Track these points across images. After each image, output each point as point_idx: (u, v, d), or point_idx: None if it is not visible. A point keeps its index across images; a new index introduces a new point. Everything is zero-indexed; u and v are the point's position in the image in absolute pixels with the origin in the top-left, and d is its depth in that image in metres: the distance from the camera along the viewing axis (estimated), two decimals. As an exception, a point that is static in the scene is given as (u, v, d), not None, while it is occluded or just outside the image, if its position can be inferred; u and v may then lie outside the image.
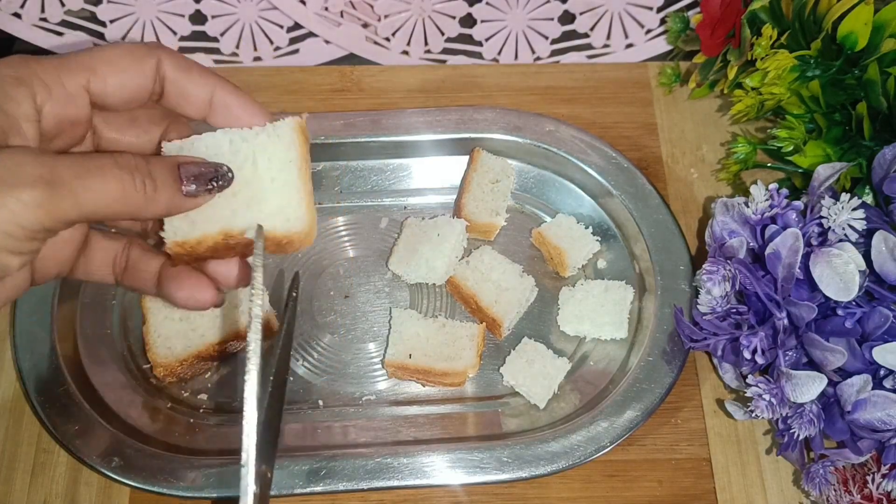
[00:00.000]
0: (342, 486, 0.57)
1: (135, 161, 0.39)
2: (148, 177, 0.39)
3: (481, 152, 0.70)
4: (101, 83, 0.40)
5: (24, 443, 0.61)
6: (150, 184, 0.39)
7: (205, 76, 0.43)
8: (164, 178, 0.40)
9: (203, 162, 0.42)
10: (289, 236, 0.42)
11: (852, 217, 0.55)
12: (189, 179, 0.40)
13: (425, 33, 0.77)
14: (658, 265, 0.65)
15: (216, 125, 0.44)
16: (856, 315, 0.54)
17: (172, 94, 0.43)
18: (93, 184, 0.37)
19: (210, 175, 0.41)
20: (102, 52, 0.41)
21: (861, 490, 0.54)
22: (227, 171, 0.41)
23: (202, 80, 0.43)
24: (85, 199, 0.36)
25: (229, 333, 0.63)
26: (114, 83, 0.41)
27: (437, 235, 0.66)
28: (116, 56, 0.41)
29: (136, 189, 0.38)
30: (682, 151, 0.74)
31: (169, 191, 0.40)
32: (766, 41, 0.63)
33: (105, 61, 0.40)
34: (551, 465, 0.58)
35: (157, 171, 0.39)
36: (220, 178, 0.41)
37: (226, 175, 0.41)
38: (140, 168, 0.39)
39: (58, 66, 0.39)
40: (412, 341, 0.63)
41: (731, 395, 0.63)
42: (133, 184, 0.38)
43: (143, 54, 0.41)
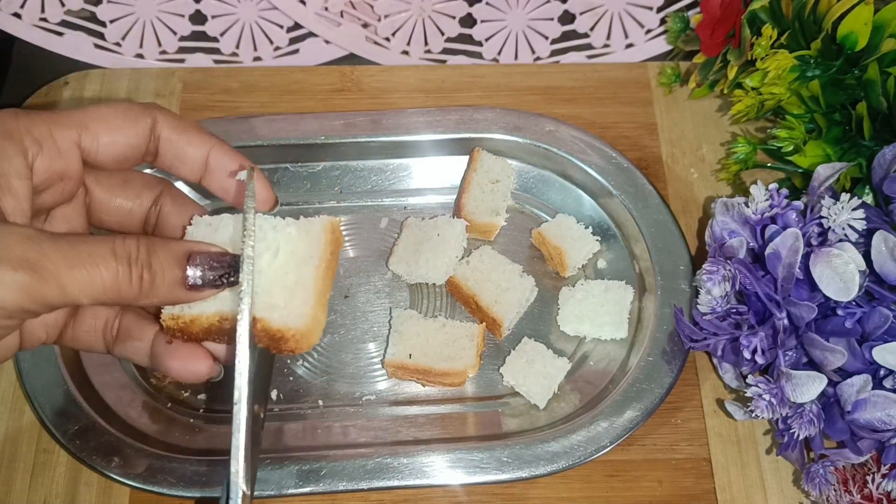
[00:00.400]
0: (342, 486, 0.57)
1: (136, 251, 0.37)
2: (147, 269, 0.37)
3: (481, 152, 0.70)
4: (92, 140, 0.39)
5: (24, 443, 0.61)
6: (147, 276, 0.37)
7: (201, 137, 0.42)
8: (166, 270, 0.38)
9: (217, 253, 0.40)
10: (283, 331, 0.39)
11: (852, 217, 0.55)
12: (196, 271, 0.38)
13: (425, 33, 0.77)
14: (658, 265, 0.65)
15: (210, 188, 0.42)
16: (856, 315, 0.54)
17: (168, 155, 0.42)
18: (82, 270, 0.35)
19: (224, 268, 0.39)
20: (96, 109, 0.40)
21: (861, 490, 0.54)
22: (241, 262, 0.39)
23: (198, 140, 0.42)
24: (72, 288, 0.35)
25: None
26: (106, 141, 0.40)
27: (437, 235, 0.66)
28: (110, 114, 0.40)
29: (132, 282, 0.36)
30: (681, 151, 0.74)
31: (169, 284, 0.38)
32: (765, 41, 0.63)
33: (98, 118, 0.40)
34: (551, 465, 0.58)
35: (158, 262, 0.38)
36: (232, 275, 0.39)
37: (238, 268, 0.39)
38: (140, 259, 0.37)
39: (49, 121, 0.38)
40: (412, 341, 0.63)
41: (731, 395, 0.63)
42: (128, 276, 0.36)
43: (138, 113, 0.40)
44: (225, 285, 0.39)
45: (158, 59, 0.78)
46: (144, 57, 0.77)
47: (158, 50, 0.77)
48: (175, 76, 0.76)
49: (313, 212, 0.70)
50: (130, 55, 0.77)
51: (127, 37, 0.77)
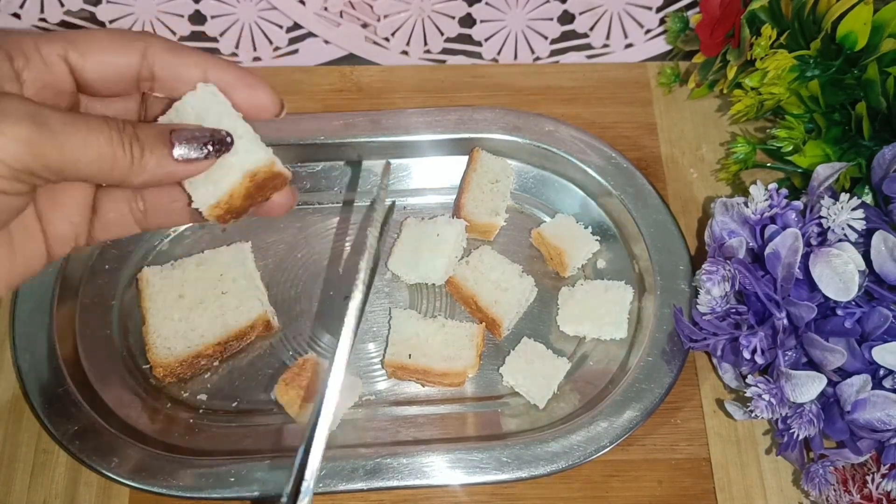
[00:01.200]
0: (342, 486, 0.57)
1: (122, 123, 0.38)
2: (135, 139, 0.38)
3: (481, 152, 0.70)
4: (80, 57, 0.39)
5: (24, 443, 0.61)
6: (136, 146, 0.38)
7: (196, 55, 0.42)
8: (153, 142, 0.39)
9: (198, 127, 0.41)
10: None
11: (852, 217, 0.55)
12: (181, 143, 0.40)
13: (425, 33, 0.77)
14: (658, 265, 0.65)
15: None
16: (855, 315, 0.54)
17: (166, 78, 0.42)
18: (78, 132, 0.36)
19: (205, 139, 0.40)
20: (86, 30, 0.40)
21: (861, 490, 0.54)
22: (226, 136, 0.41)
23: (194, 59, 0.42)
24: (69, 147, 0.36)
25: (229, 334, 0.63)
26: (95, 59, 0.40)
27: (437, 235, 0.66)
28: (99, 35, 0.40)
29: (124, 150, 0.37)
30: (681, 151, 0.74)
31: (157, 155, 0.39)
32: (765, 41, 0.63)
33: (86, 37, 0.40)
34: (551, 465, 0.58)
35: (144, 134, 0.39)
36: (217, 143, 0.40)
37: (225, 140, 0.41)
38: (126, 129, 0.38)
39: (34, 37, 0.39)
40: (411, 341, 0.63)
41: (730, 395, 0.63)
42: (121, 143, 0.37)
43: (129, 37, 0.41)
44: (213, 153, 0.40)
45: (158, 59, 0.78)
46: (144, 57, 0.77)
47: (158, 50, 0.77)
48: (174, 76, 0.76)
49: (312, 211, 0.71)
50: (130, 55, 0.77)
51: (126, 37, 0.76)
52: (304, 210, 0.71)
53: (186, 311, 0.64)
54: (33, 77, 0.38)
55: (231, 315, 0.64)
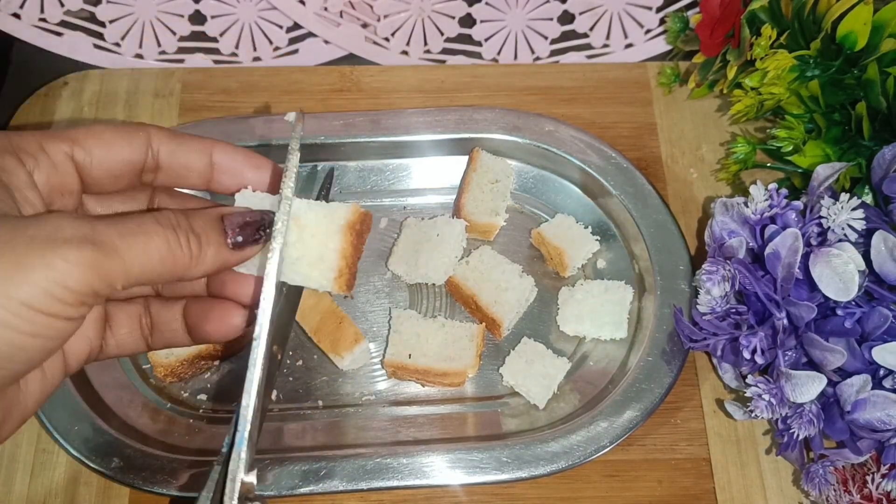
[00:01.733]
0: (342, 486, 0.57)
1: (175, 218, 0.37)
2: (191, 232, 0.37)
3: (481, 152, 0.70)
4: (86, 154, 0.39)
5: (24, 443, 0.61)
6: (194, 240, 0.37)
7: (199, 142, 0.42)
8: (208, 233, 0.38)
9: (248, 211, 0.40)
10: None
11: (852, 217, 0.55)
12: (234, 231, 0.39)
13: (425, 33, 0.77)
14: (658, 265, 0.65)
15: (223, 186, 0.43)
16: (855, 315, 0.54)
17: (172, 166, 0.41)
18: (137, 242, 0.35)
19: (257, 224, 0.40)
20: (87, 126, 0.40)
21: (861, 490, 0.54)
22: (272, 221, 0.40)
23: (198, 145, 0.42)
24: (131, 260, 0.35)
25: None
26: (100, 154, 0.39)
27: (437, 235, 0.66)
28: (101, 130, 0.40)
29: (182, 248, 0.37)
30: (681, 151, 0.74)
31: (214, 246, 0.38)
32: (765, 41, 0.63)
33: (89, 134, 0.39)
34: (551, 465, 0.58)
35: (199, 226, 0.38)
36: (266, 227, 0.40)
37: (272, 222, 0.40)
38: (182, 224, 0.37)
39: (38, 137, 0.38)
40: (411, 341, 0.63)
41: (730, 395, 0.63)
42: (178, 242, 0.37)
43: (131, 129, 0.40)
44: (263, 239, 0.40)
45: (158, 59, 0.78)
46: (144, 57, 0.77)
47: (158, 50, 0.77)
48: (174, 76, 0.76)
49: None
50: (130, 55, 0.77)
51: (126, 37, 0.77)
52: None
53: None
54: (43, 180, 0.38)
55: None
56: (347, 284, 0.42)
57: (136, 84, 0.76)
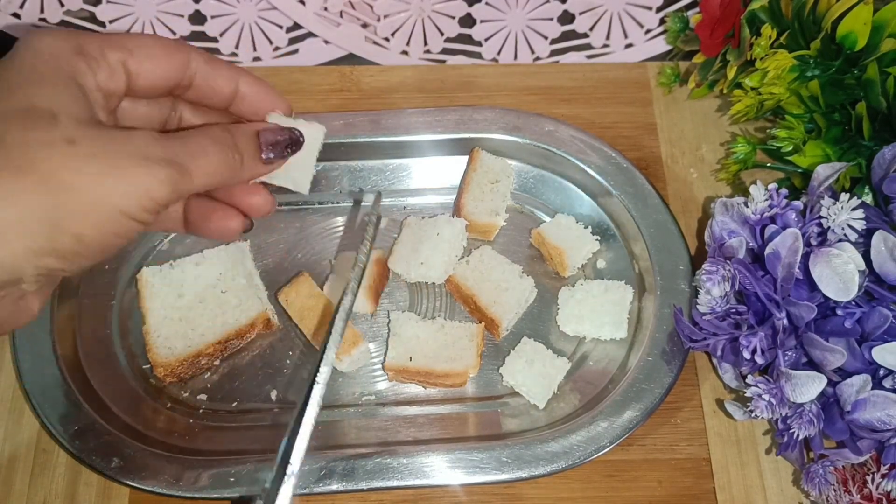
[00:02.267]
0: (342, 486, 0.57)
1: (223, 135, 0.43)
2: (236, 150, 0.43)
3: (481, 152, 0.70)
4: (136, 64, 0.42)
5: (24, 443, 0.61)
6: (238, 156, 0.43)
7: (229, 69, 0.47)
8: (249, 150, 0.44)
9: (279, 129, 0.46)
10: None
11: (852, 217, 0.55)
12: (268, 148, 0.45)
13: (424, 33, 0.77)
14: (658, 265, 0.65)
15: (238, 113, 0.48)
16: (855, 315, 0.54)
17: (202, 87, 0.46)
18: (202, 163, 0.41)
19: (286, 142, 0.46)
20: (139, 37, 0.43)
21: (861, 490, 0.54)
22: (299, 136, 0.46)
23: (228, 72, 0.46)
24: (198, 177, 0.41)
25: (229, 332, 0.63)
26: (148, 67, 0.43)
27: (437, 234, 0.66)
28: (151, 43, 0.43)
29: (231, 164, 0.43)
30: (681, 151, 0.74)
31: (252, 160, 0.44)
32: (765, 41, 0.63)
33: (142, 45, 0.43)
34: (551, 465, 0.58)
35: (242, 144, 0.44)
36: (293, 145, 0.46)
37: (298, 140, 0.46)
38: (230, 142, 0.43)
39: (100, 41, 0.42)
40: (411, 343, 0.63)
41: (730, 395, 0.63)
42: (229, 159, 0.43)
43: (175, 47, 0.44)
44: (289, 154, 0.46)
45: (158, 59, 0.78)
46: (144, 57, 0.77)
47: (158, 50, 0.77)
48: (174, 76, 0.76)
49: (312, 211, 0.71)
50: (130, 55, 0.77)
51: (126, 37, 0.76)
52: (304, 210, 0.71)
53: (186, 311, 0.64)
54: (102, 83, 0.41)
55: (231, 314, 0.64)
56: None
57: (136, 84, 0.76)
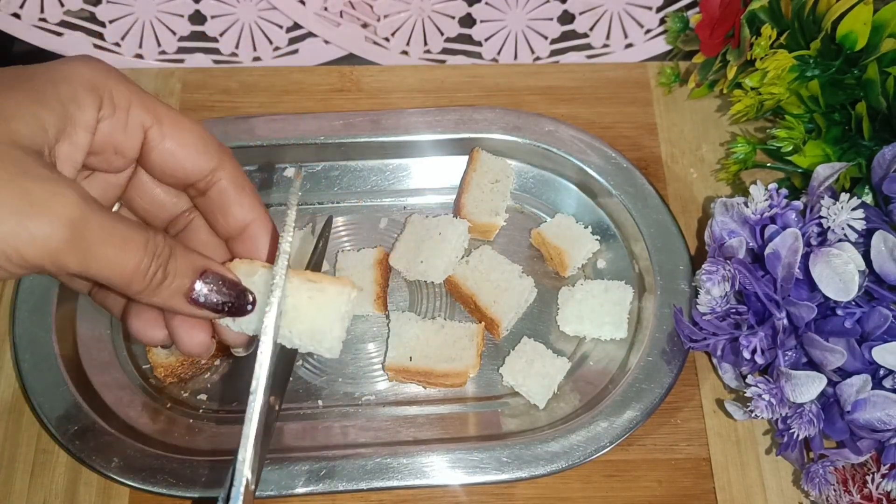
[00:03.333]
0: (342, 486, 0.57)
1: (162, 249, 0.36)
2: (163, 268, 0.37)
3: (481, 152, 0.70)
4: (159, 137, 0.39)
5: (24, 443, 0.61)
6: (160, 275, 0.37)
7: (252, 202, 0.42)
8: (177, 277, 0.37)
9: (231, 280, 0.39)
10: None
11: (852, 217, 0.55)
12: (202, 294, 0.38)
13: (425, 33, 0.77)
14: (658, 265, 0.65)
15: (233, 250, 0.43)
16: (855, 315, 0.54)
17: (214, 202, 0.41)
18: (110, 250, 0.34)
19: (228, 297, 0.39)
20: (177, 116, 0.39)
21: (861, 490, 0.54)
22: (249, 304, 0.39)
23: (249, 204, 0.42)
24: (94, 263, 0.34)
25: None
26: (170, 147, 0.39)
27: (439, 234, 0.66)
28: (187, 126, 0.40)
29: (146, 276, 0.36)
30: (681, 151, 0.74)
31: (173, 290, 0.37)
32: (765, 41, 0.63)
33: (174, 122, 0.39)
34: (551, 465, 0.58)
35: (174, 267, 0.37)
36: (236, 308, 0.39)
37: (244, 308, 0.39)
38: (162, 257, 0.36)
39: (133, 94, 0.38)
40: (411, 344, 0.63)
41: (730, 395, 0.63)
42: (146, 271, 0.36)
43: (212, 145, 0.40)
44: (223, 313, 0.39)
45: (158, 59, 0.78)
46: (144, 57, 0.77)
47: (158, 50, 0.77)
48: (174, 76, 0.76)
49: (313, 212, 0.71)
50: (130, 55, 0.77)
51: (126, 37, 0.77)
52: (304, 210, 0.71)
53: None
54: (107, 132, 0.38)
55: None
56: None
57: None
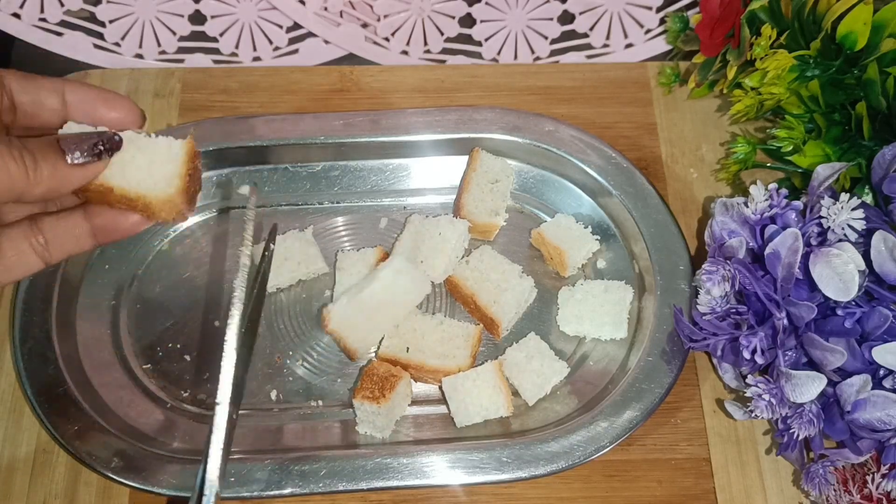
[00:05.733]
0: (342, 486, 0.57)
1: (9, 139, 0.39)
2: (24, 150, 0.39)
3: (481, 152, 0.70)
4: None
5: (24, 443, 0.61)
6: (29, 157, 0.39)
7: (51, 81, 0.44)
8: (44, 151, 0.40)
9: (85, 133, 0.42)
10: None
11: (852, 217, 0.55)
12: (71, 148, 0.41)
13: (425, 33, 0.77)
14: (657, 265, 0.65)
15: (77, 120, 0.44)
16: (855, 315, 0.54)
17: (25, 104, 0.43)
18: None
19: (95, 140, 0.41)
20: None
21: (861, 490, 0.54)
22: (113, 135, 0.42)
23: (49, 83, 0.44)
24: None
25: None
26: None
27: (439, 234, 0.66)
28: None
29: (17, 165, 0.38)
30: (681, 151, 0.74)
31: (50, 162, 0.40)
32: (765, 41, 0.63)
33: None
34: (551, 465, 0.58)
35: (34, 145, 0.39)
36: (106, 143, 0.42)
37: (113, 139, 0.42)
38: (15, 144, 0.39)
39: None
40: (408, 336, 0.63)
41: (730, 395, 0.63)
42: (10, 156, 0.38)
43: None
44: (104, 153, 0.42)
45: (158, 59, 0.78)
46: (144, 57, 0.77)
47: (158, 50, 0.77)
48: (174, 76, 0.76)
49: (313, 211, 0.71)
50: (130, 55, 0.77)
51: (126, 37, 0.77)
52: (304, 210, 0.71)
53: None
54: None
55: None
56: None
57: (136, 84, 0.76)
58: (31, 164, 0.39)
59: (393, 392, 0.58)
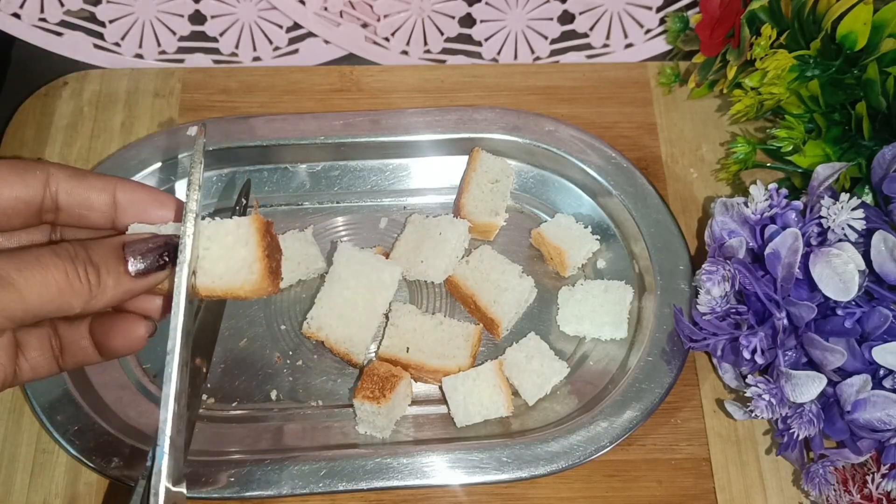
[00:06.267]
0: (342, 486, 0.57)
1: (73, 249, 0.37)
2: (89, 263, 0.37)
3: (481, 152, 0.70)
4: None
5: (24, 443, 0.61)
6: (92, 271, 0.37)
7: (101, 179, 0.42)
8: (108, 262, 0.38)
9: (151, 236, 0.40)
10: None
11: (852, 217, 0.55)
12: (136, 258, 0.39)
13: (425, 33, 0.77)
14: (657, 265, 0.65)
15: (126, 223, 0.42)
16: (855, 315, 0.54)
17: (72, 205, 0.41)
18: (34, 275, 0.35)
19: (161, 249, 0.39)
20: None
21: (861, 490, 0.54)
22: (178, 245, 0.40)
23: (100, 183, 0.41)
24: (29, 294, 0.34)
25: None
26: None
27: (440, 234, 0.66)
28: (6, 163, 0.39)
29: (80, 279, 0.36)
30: (681, 151, 0.74)
31: (114, 275, 0.38)
32: (765, 41, 0.63)
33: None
34: (551, 465, 0.58)
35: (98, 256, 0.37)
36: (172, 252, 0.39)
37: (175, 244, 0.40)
38: (80, 255, 0.37)
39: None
40: (407, 336, 0.63)
41: (730, 395, 0.63)
42: (76, 274, 0.36)
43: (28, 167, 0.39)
44: (167, 264, 0.40)
45: (158, 59, 0.78)
46: (144, 57, 0.77)
47: (158, 50, 0.77)
48: (174, 76, 0.76)
49: (313, 211, 0.71)
50: (130, 55, 0.77)
51: (126, 37, 0.77)
52: (304, 210, 0.71)
53: None
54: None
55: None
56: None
57: (136, 84, 0.76)
58: (94, 280, 0.37)
59: (393, 392, 0.58)
